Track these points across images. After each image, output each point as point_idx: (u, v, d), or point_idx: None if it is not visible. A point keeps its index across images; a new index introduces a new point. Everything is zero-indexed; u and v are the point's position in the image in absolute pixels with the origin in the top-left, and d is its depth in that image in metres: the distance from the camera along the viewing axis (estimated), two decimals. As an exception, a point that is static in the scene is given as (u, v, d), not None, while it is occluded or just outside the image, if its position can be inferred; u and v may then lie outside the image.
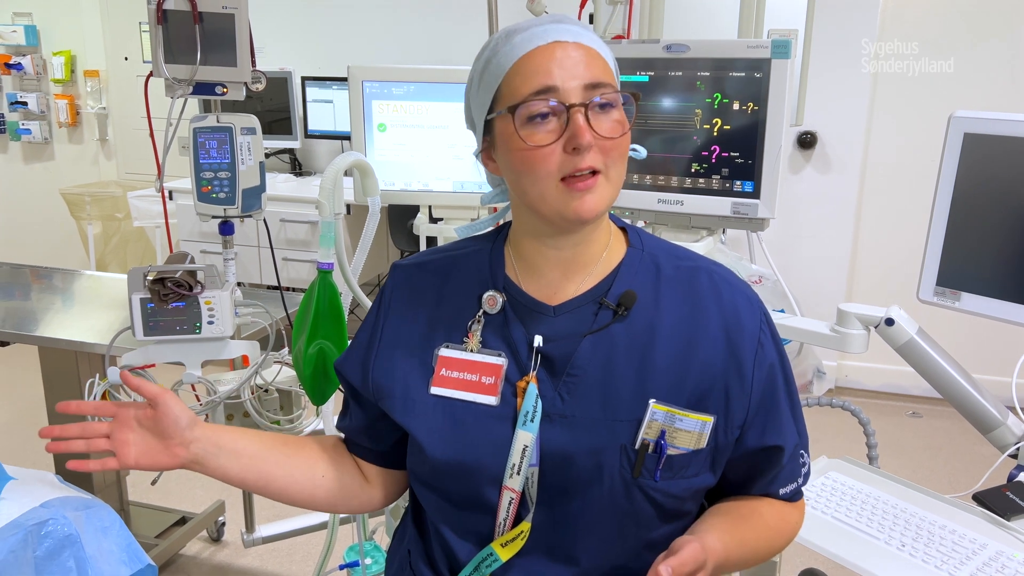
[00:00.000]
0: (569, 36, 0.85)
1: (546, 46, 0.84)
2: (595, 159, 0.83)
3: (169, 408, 0.93)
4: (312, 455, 1.04)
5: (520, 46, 0.85)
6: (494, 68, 0.87)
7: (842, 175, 3.70)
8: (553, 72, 0.83)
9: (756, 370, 0.90)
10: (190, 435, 0.94)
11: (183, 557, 2.69)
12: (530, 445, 0.86)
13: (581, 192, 0.84)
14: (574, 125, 0.82)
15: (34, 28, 4.75)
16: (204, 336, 1.64)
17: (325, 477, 1.03)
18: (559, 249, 0.91)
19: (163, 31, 1.53)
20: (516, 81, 0.84)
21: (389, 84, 1.64)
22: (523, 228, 0.93)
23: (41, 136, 4.89)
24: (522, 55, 0.85)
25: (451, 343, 0.93)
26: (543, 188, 0.84)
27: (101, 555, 1.30)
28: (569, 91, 0.83)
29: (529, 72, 0.84)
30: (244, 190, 1.66)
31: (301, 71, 4.07)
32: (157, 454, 0.94)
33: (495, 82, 0.87)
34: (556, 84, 0.83)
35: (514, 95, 0.84)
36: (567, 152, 0.83)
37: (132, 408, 0.95)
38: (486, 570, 0.90)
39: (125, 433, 0.93)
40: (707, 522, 0.92)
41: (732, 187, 1.51)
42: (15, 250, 4.85)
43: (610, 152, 0.85)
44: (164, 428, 0.94)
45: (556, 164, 0.83)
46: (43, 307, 2.50)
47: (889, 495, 1.38)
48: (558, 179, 0.84)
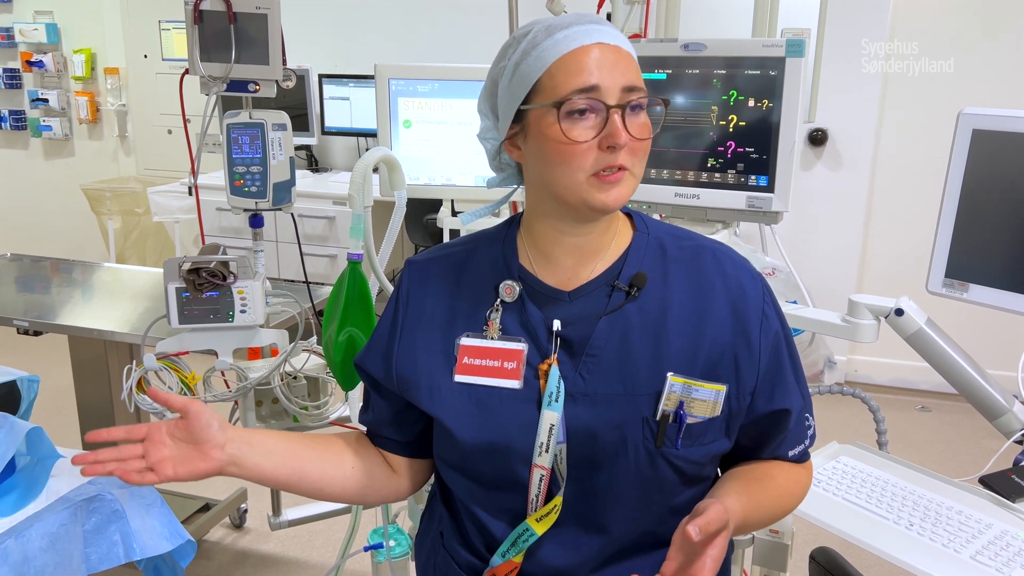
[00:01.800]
0: (610, 39, 0.90)
1: (591, 45, 0.88)
2: (626, 158, 0.89)
3: (199, 414, 0.94)
4: (339, 449, 1.08)
5: (563, 43, 0.89)
6: (534, 61, 0.90)
7: (853, 171, 3.75)
8: (595, 72, 0.88)
9: (762, 339, 0.96)
10: (223, 437, 0.96)
11: (207, 543, 2.76)
12: (556, 424, 0.92)
13: (609, 185, 0.89)
14: (612, 125, 0.87)
15: (55, 26, 4.83)
16: (236, 324, 1.70)
17: (355, 468, 1.06)
18: (575, 236, 0.96)
19: (199, 30, 1.59)
20: (560, 76, 0.88)
21: (414, 82, 1.69)
22: (540, 216, 0.97)
23: (62, 133, 4.97)
24: (567, 52, 0.89)
25: (471, 332, 0.98)
26: (574, 180, 0.89)
27: (145, 530, 1.37)
28: (609, 91, 0.88)
29: (573, 69, 0.88)
30: (275, 184, 1.72)
31: (318, 69, 4.13)
32: (194, 461, 0.94)
33: (534, 75, 0.90)
34: (599, 84, 0.87)
35: (557, 90, 0.88)
36: (602, 149, 0.88)
37: (162, 425, 0.95)
38: (523, 544, 0.95)
39: (160, 450, 0.93)
40: (725, 486, 0.98)
41: (747, 181, 1.56)
42: (37, 244, 4.93)
43: (637, 152, 0.90)
44: (197, 434, 0.95)
45: (591, 160, 0.88)
46: (63, 299, 2.57)
47: (898, 478, 1.43)
48: (590, 173, 0.89)
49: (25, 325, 2.26)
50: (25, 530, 1.23)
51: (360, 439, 1.12)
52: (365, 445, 1.11)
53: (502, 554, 0.97)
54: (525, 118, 0.93)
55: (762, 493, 0.99)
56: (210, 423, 0.95)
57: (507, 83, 0.94)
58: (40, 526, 1.25)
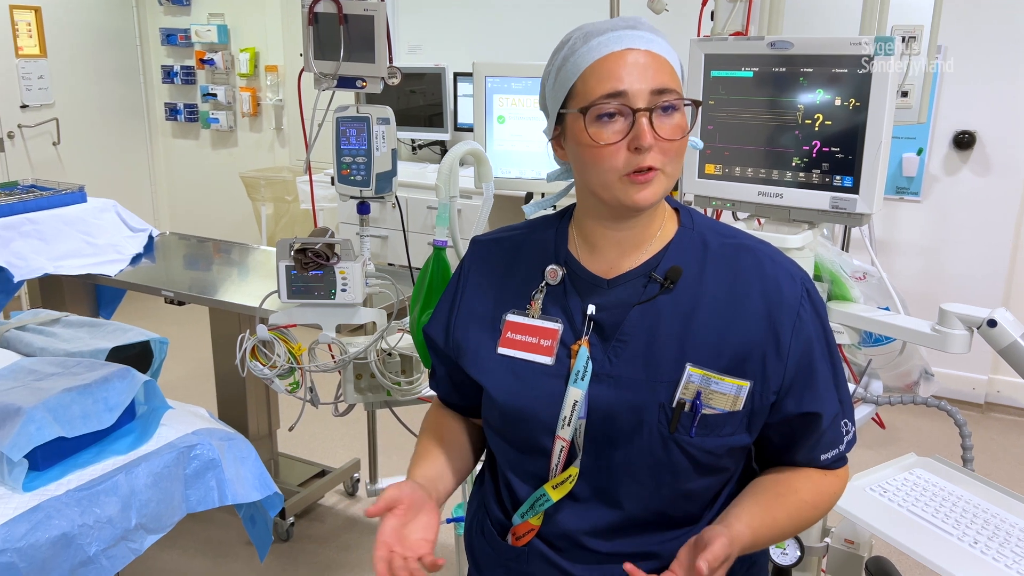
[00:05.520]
0: (641, 43, 0.93)
1: (619, 52, 0.93)
2: (655, 158, 0.92)
3: (403, 499, 0.99)
4: (456, 428, 1.17)
5: (596, 50, 0.94)
6: (571, 67, 0.96)
7: (1004, 177, 3.49)
8: (623, 77, 0.92)
9: (793, 341, 0.96)
10: (423, 494, 1.02)
11: (321, 507, 2.97)
12: (580, 401, 0.97)
13: (640, 185, 0.93)
14: (638, 127, 0.91)
15: (225, 27, 5.29)
16: (338, 302, 1.85)
17: (471, 435, 1.17)
18: (617, 231, 1.01)
19: (313, 31, 1.74)
20: (591, 82, 0.93)
21: (508, 79, 1.77)
22: (586, 210, 1.03)
23: (227, 125, 5.43)
24: (597, 59, 0.93)
25: (516, 309, 1.05)
26: (607, 180, 0.94)
27: (238, 479, 1.53)
28: (636, 95, 0.92)
29: (602, 75, 0.93)
30: (378, 174, 1.85)
31: (455, 67, 4.30)
32: (429, 524, 0.99)
33: (570, 80, 0.96)
34: (625, 88, 0.91)
35: (587, 95, 0.93)
36: (630, 151, 0.92)
37: (392, 530, 0.97)
38: (539, 508, 1.02)
39: (404, 548, 0.96)
40: (740, 504, 1.00)
41: (832, 182, 1.53)
42: (201, 225, 5.45)
43: (668, 152, 0.93)
44: (416, 505, 1.00)
45: (621, 161, 0.93)
46: (222, 277, 2.86)
47: (974, 495, 1.37)
48: (622, 174, 0.93)
49: (171, 295, 2.53)
50: (134, 468, 1.42)
51: (450, 412, 1.21)
52: (456, 414, 1.20)
53: (521, 515, 1.04)
54: (564, 121, 0.99)
55: (780, 510, 1.00)
56: (413, 495, 1.00)
57: (551, 87, 1.00)
58: (147, 466, 1.43)
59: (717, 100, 1.65)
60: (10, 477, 1.33)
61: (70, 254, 2.78)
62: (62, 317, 1.94)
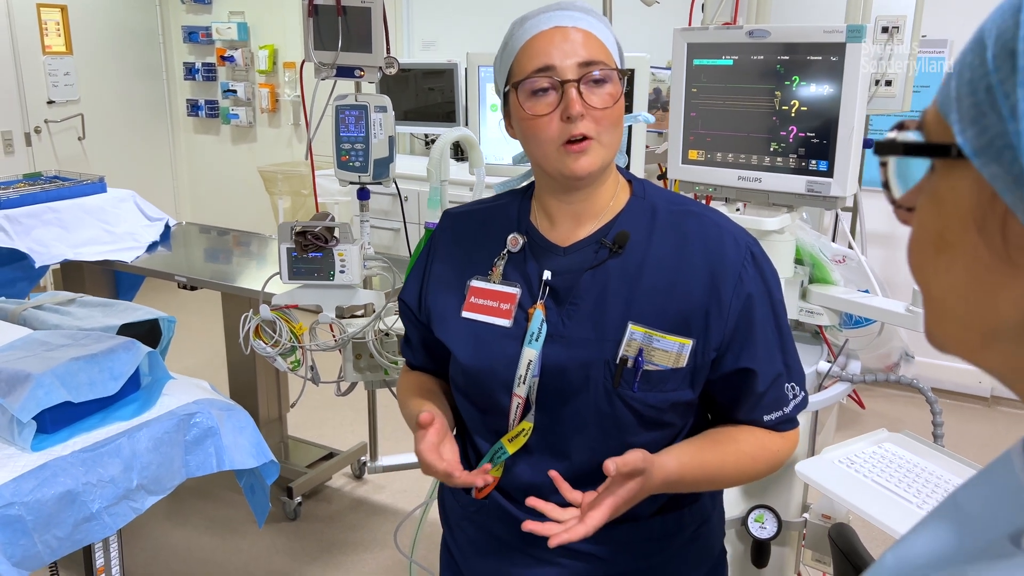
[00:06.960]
0: (568, 21, 1.01)
1: (548, 30, 1.01)
2: (587, 127, 0.99)
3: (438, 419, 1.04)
4: (434, 382, 1.22)
5: (528, 31, 1.02)
6: (509, 50, 1.04)
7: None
8: (551, 53, 0.99)
9: (734, 299, 1.02)
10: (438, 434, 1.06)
11: (328, 488, 3.06)
12: (534, 360, 1.04)
13: (576, 154, 1.00)
14: (567, 98, 0.98)
15: (245, 25, 5.41)
16: (336, 283, 1.93)
17: (446, 390, 1.21)
18: (570, 203, 1.08)
19: (314, 23, 1.82)
20: (523, 61, 1.02)
21: (500, 68, 1.84)
22: (541, 185, 1.11)
23: (246, 120, 5.55)
24: (528, 39, 1.02)
25: (479, 276, 1.11)
26: (546, 151, 1.01)
27: (235, 447, 1.61)
28: (565, 69, 0.99)
29: (533, 53, 1.01)
30: (375, 160, 1.93)
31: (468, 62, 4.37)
32: (455, 449, 1.04)
33: (508, 61, 1.04)
34: (554, 63, 0.99)
35: (521, 72, 1.02)
36: (563, 120, 0.99)
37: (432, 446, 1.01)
38: (498, 460, 1.09)
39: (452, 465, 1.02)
40: (677, 445, 1.06)
41: (807, 166, 1.58)
42: (220, 217, 5.57)
43: (601, 120, 1.00)
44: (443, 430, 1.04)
45: (555, 131, 1.00)
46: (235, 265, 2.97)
47: (941, 468, 1.41)
48: (559, 144, 1.00)
49: (183, 280, 2.63)
50: (136, 432, 1.50)
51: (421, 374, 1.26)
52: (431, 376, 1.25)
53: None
54: (508, 101, 1.06)
55: (713, 454, 1.05)
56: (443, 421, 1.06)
57: (496, 70, 1.09)
58: (148, 431, 1.51)
59: (699, 88, 1.70)
60: (19, 438, 1.42)
61: (89, 241, 2.90)
62: (78, 298, 2.04)
